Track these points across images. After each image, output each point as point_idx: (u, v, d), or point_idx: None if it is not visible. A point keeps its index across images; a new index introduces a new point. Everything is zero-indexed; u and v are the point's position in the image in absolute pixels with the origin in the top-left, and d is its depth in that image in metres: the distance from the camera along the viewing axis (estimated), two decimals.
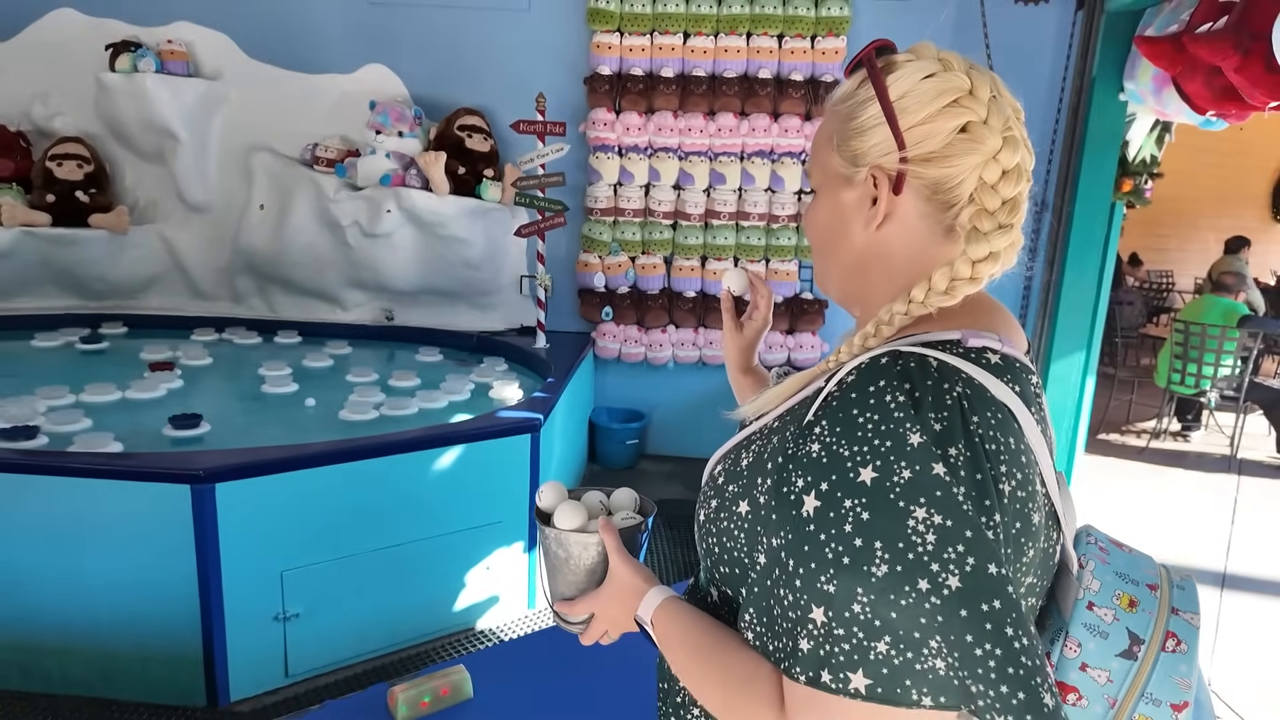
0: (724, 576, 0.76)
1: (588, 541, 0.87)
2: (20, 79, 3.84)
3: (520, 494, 2.61)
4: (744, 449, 0.77)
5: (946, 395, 0.63)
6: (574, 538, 0.87)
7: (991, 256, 0.69)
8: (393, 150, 3.72)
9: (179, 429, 2.49)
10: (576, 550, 0.87)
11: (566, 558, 0.88)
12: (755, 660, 0.68)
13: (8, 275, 3.68)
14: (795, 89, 3.77)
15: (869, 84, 0.71)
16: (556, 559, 0.89)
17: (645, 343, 4.11)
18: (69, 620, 2.09)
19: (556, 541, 0.88)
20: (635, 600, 0.81)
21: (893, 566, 0.59)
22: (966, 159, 0.69)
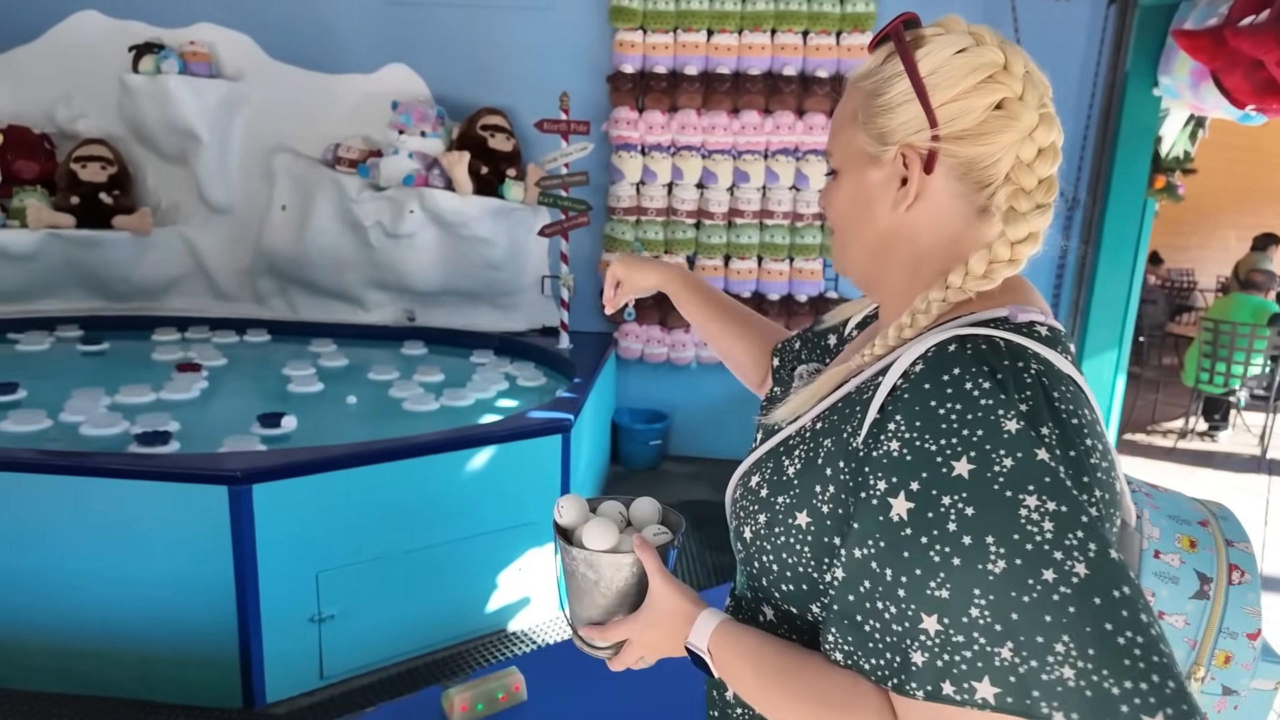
0: (785, 594, 0.72)
1: (621, 563, 0.79)
2: (44, 81, 3.84)
3: (551, 495, 2.59)
4: (783, 456, 0.73)
5: (1025, 374, 0.60)
6: (607, 559, 0.79)
7: (1031, 238, 0.67)
8: (415, 150, 3.71)
9: (266, 427, 2.50)
10: (609, 573, 0.80)
11: (597, 580, 0.81)
12: (850, 680, 0.63)
13: (33, 277, 3.68)
14: (820, 86, 3.74)
15: (896, 59, 0.68)
16: (584, 581, 0.81)
17: (668, 343, 4.08)
18: (107, 622, 2.07)
19: (586, 563, 0.80)
20: (684, 626, 0.75)
21: (1011, 560, 0.55)
22: (1002, 136, 0.66)
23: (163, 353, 3.41)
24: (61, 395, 2.66)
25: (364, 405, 2.93)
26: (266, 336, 3.85)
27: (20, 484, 2.02)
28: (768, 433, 0.79)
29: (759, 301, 4.01)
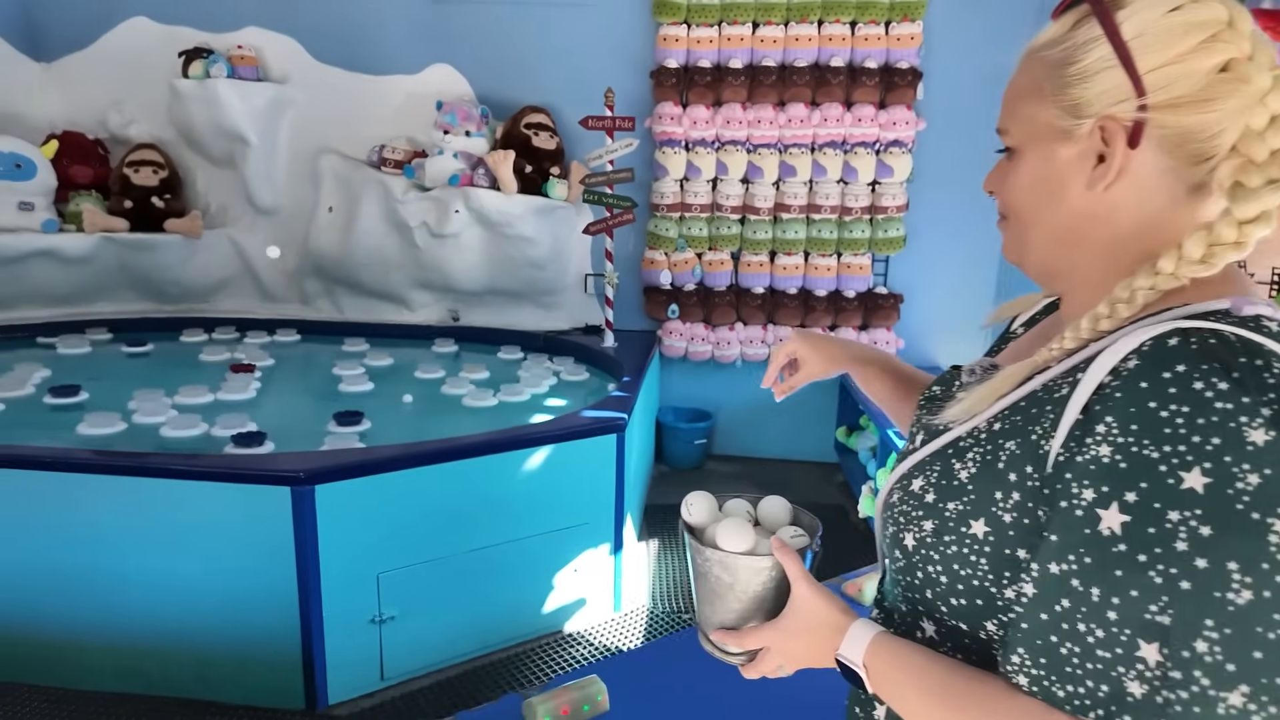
0: (954, 609, 0.66)
1: (759, 566, 0.76)
2: (97, 87, 3.91)
3: (606, 495, 2.55)
4: (953, 459, 0.67)
5: (1265, 374, 0.53)
6: (744, 562, 0.76)
7: (1262, 217, 0.59)
8: (460, 150, 3.70)
9: (342, 425, 2.54)
10: (746, 576, 0.76)
11: (732, 583, 0.77)
12: (1041, 709, 0.57)
13: (89, 280, 3.75)
14: (869, 77, 3.65)
15: (1091, 23, 0.62)
16: (718, 584, 0.78)
17: (712, 340, 4.03)
18: (168, 622, 2.08)
19: (721, 565, 0.77)
20: (834, 636, 0.70)
21: (1259, 592, 0.49)
22: (1229, 103, 0.59)
23: (210, 354, 3.45)
24: (123, 397, 2.69)
25: (420, 403, 2.94)
26: (296, 336, 3.89)
27: (85, 485, 2.04)
28: (930, 433, 0.73)
29: (805, 298, 3.94)
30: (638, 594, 2.75)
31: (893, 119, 3.67)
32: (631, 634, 2.52)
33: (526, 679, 2.28)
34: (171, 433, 2.45)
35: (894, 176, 3.75)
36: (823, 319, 3.93)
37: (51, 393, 2.75)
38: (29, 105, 3.84)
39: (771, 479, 3.95)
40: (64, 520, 2.07)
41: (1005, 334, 0.86)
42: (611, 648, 2.44)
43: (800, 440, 4.20)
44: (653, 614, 2.64)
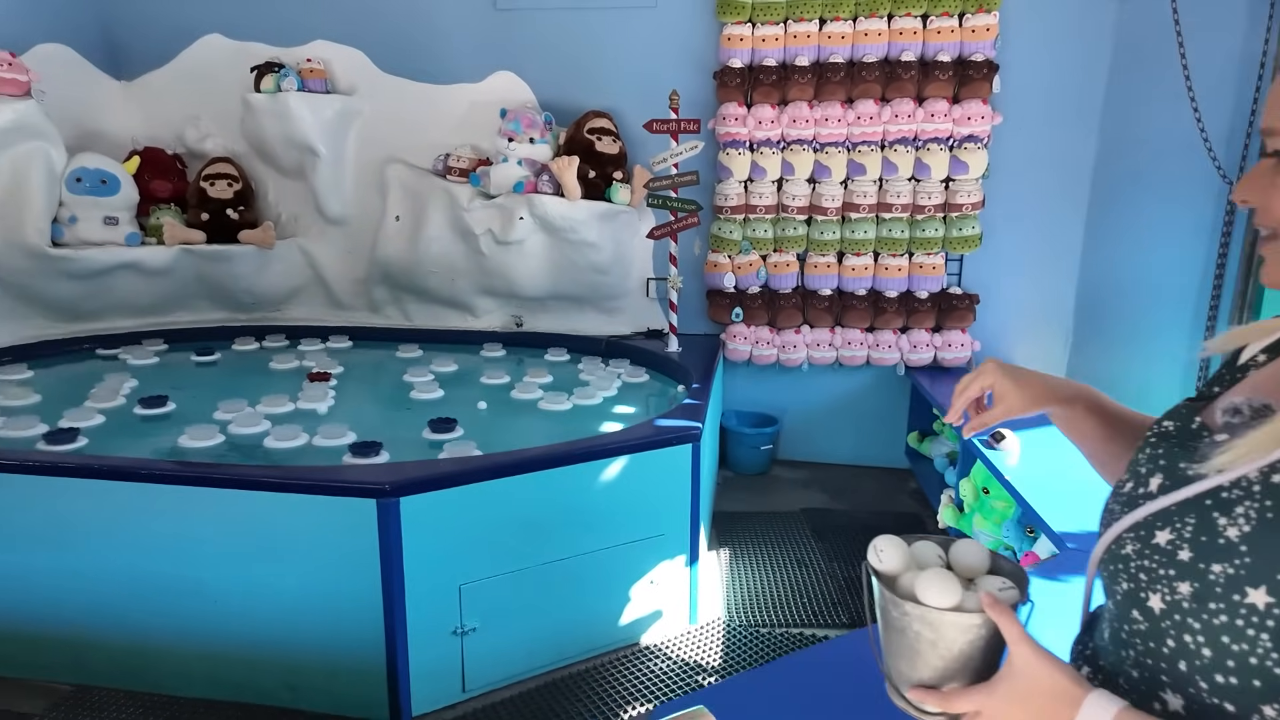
0: (1216, 686, 0.59)
1: (969, 624, 0.69)
2: (174, 104, 4.02)
3: (681, 506, 2.51)
4: (1214, 512, 0.59)
5: None
6: (951, 619, 0.70)
7: None
8: (524, 157, 3.70)
9: (436, 433, 2.60)
10: (952, 634, 0.70)
11: (935, 641, 0.71)
12: None
13: (168, 291, 3.86)
14: (942, 70, 3.53)
15: None
16: (918, 640, 0.72)
17: (778, 344, 3.95)
18: (259, 631, 2.12)
19: (923, 621, 0.71)
20: (1065, 709, 0.63)
21: None
22: None
23: (280, 362, 3.52)
24: (207, 407, 2.76)
25: (495, 409, 2.96)
26: (349, 343, 3.96)
27: (180, 496, 2.08)
28: (1174, 478, 0.65)
29: (875, 299, 3.83)
30: (713, 605, 2.70)
31: (967, 113, 3.54)
32: (710, 648, 2.47)
33: (606, 692, 2.25)
34: (276, 444, 2.49)
35: (969, 172, 3.62)
36: (893, 321, 3.82)
37: (141, 404, 2.83)
38: (112, 122, 3.97)
39: (840, 486, 3.85)
40: (160, 530, 2.12)
41: (1235, 363, 0.77)
42: (690, 661, 2.40)
43: (870, 446, 4.09)
44: (729, 627, 2.59)
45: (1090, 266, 3.72)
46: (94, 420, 2.67)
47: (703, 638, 2.53)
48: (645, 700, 2.22)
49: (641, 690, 2.26)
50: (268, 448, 2.48)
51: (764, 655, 2.44)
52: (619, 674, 2.34)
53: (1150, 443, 0.73)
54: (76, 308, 3.68)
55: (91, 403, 2.83)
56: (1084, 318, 3.77)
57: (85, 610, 2.18)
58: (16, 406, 2.79)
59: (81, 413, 2.70)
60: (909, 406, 4.03)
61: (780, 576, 2.93)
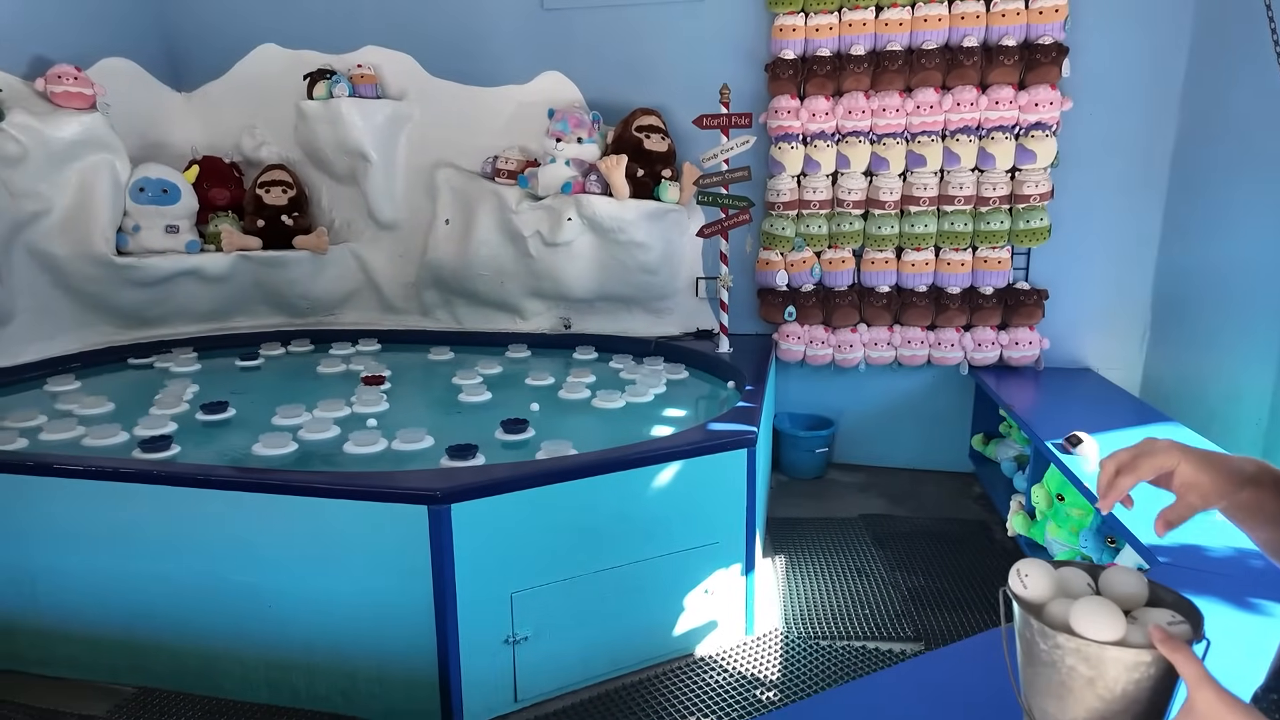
0: None
1: (1137, 662, 0.62)
2: (232, 113, 4.11)
3: (736, 513, 2.43)
4: None
5: None
6: (1115, 655, 0.62)
7: None
8: (572, 157, 3.67)
9: (509, 433, 2.61)
10: (1115, 671, 0.62)
11: (1093, 678, 0.63)
12: None
13: (227, 297, 3.94)
14: (1007, 55, 3.36)
15: None
16: (1071, 676, 0.64)
17: (833, 344, 3.83)
18: (316, 637, 2.11)
19: (1080, 656, 0.63)
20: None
21: None
22: None
23: (327, 366, 3.56)
24: (265, 412, 2.78)
25: (547, 409, 2.94)
26: (377, 345, 3.97)
27: (235, 502, 2.09)
28: None
29: (936, 296, 3.68)
30: (769, 615, 2.61)
31: (1034, 99, 3.37)
32: (768, 660, 2.39)
33: (661, 704, 2.18)
34: (356, 449, 2.49)
35: (1036, 162, 3.44)
36: (956, 318, 3.66)
37: (203, 409, 2.87)
38: (173, 133, 4.08)
39: (901, 490, 3.71)
40: (219, 536, 2.14)
41: None
42: (747, 674, 2.32)
43: (931, 449, 3.93)
44: (788, 639, 2.49)
45: (1170, 258, 3.50)
46: (167, 428, 2.70)
47: (760, 649, 2.44)
48: (702, 714, 2.15)
49: (698, 703, 2.19)
50: (348, 454, 2.48)
51: (824, 669, 2.34)
52: (674, 686, 2.27)
53: None
54: (141, 314, 3.78)
55: (158, 409, 2.88)
56: (1163, 313, 3.55)
57: (148, 614, 2.21)
58: (93, 415, 2.85)
59: (154, 420, 2.74)
60: (973, 408, 3.86)
61: (840, 586, 2.82)
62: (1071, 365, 3.73)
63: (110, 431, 2.59)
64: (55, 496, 2.21)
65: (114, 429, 2.62)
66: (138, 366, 3.64)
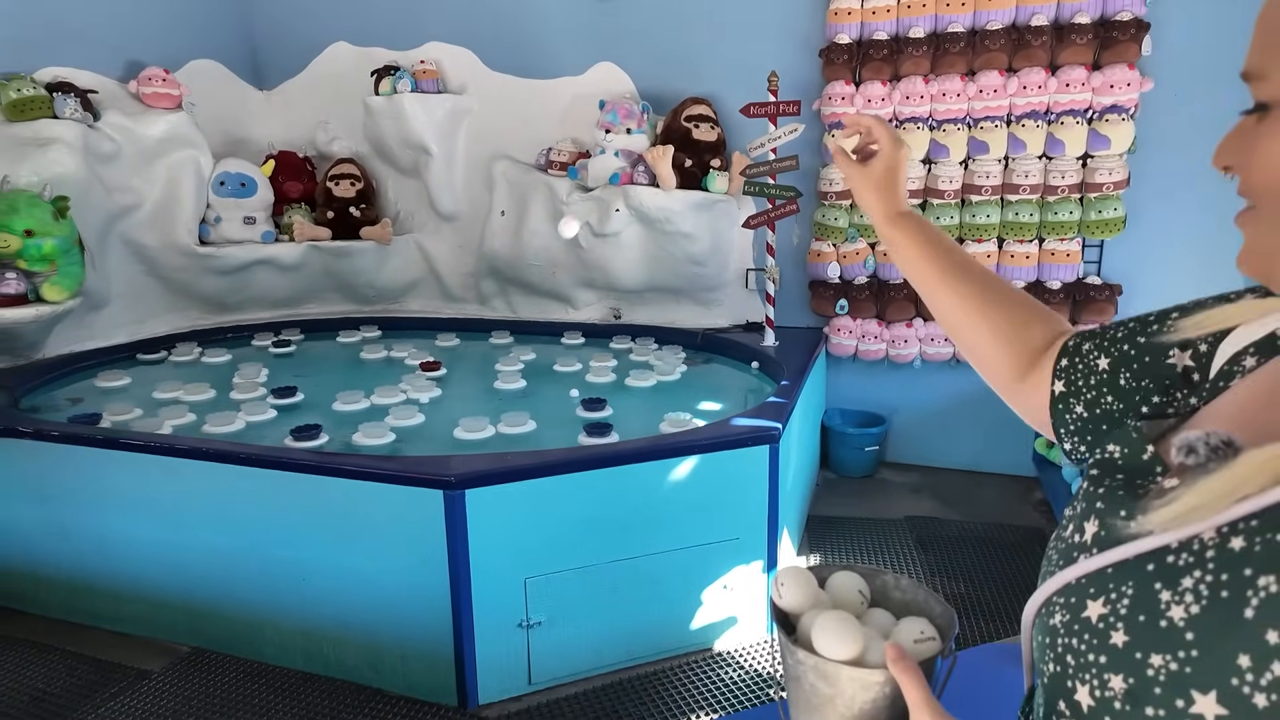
0: None
1: (869, 681, 0.60)
2: (306, 109, 4.33)
3: (758, 510, 2.40)
4: (1157, 582, 0.45)
5: None
6: (848, 674, 0.60)
7: None
8: (621, 148, 3.68)
9: (589, 410, 2.78)
10: (850, 690, 0.60)
11: (832, 696, 0.61)
12: None
13: (298, 284, 4.18)
14: (1080, 34, 3.14)
15: None
16: (814, 693, 0.62)
17: (887, 338, 3.70)
18: (346, 612, 2.24)
19: (818, 673, 0.61)
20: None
21: None
22: None
23: (369, 352, 3.70)
24: (326, 397, 2.92)
25: (586, 394, 3.00)
26: (378, 332, 4.08)
27: (276, 481, 2.23)
28: (1113, 531, 0.51)
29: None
30: None
31: (1110, 81, 3.14)
32: None
33: (674, 696, 2.20)
34: (465, 435, 2.55)
35: (1111, 148, 3.21)
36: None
37: (274, 394, 3.00)
38: (253, 129, 4.34)
39: (954, 493, 3.57)
40: (262, 511, 2.29)
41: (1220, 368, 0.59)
42: (764, 672, 2.30)
43: (990, 450, 3.75)
44: None
45: None
46: (265, 414, 2.81)
47: None
48: (715, 709, 2.15)
49: (712, 698, 2.19)
50: (457, 439, 2.53)
51: None
52: (688, 679, 2.28)
53: (1091, 476, 0.57)
54: (223, 300, 4.06)
55: (238, 394, 3.02)
56: None
57: (203, 580, 2.40)
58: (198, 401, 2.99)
59: (256, 405, 2.85)
60: None
61: None
62: None
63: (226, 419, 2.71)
64: (124, 470, 2.41)
65: (230, 415, 2.73)
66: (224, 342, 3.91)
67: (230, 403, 2.96)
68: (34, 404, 3.01)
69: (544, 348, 3.68)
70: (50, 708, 2.18)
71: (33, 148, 3.20)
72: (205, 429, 2.64)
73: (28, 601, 2.65)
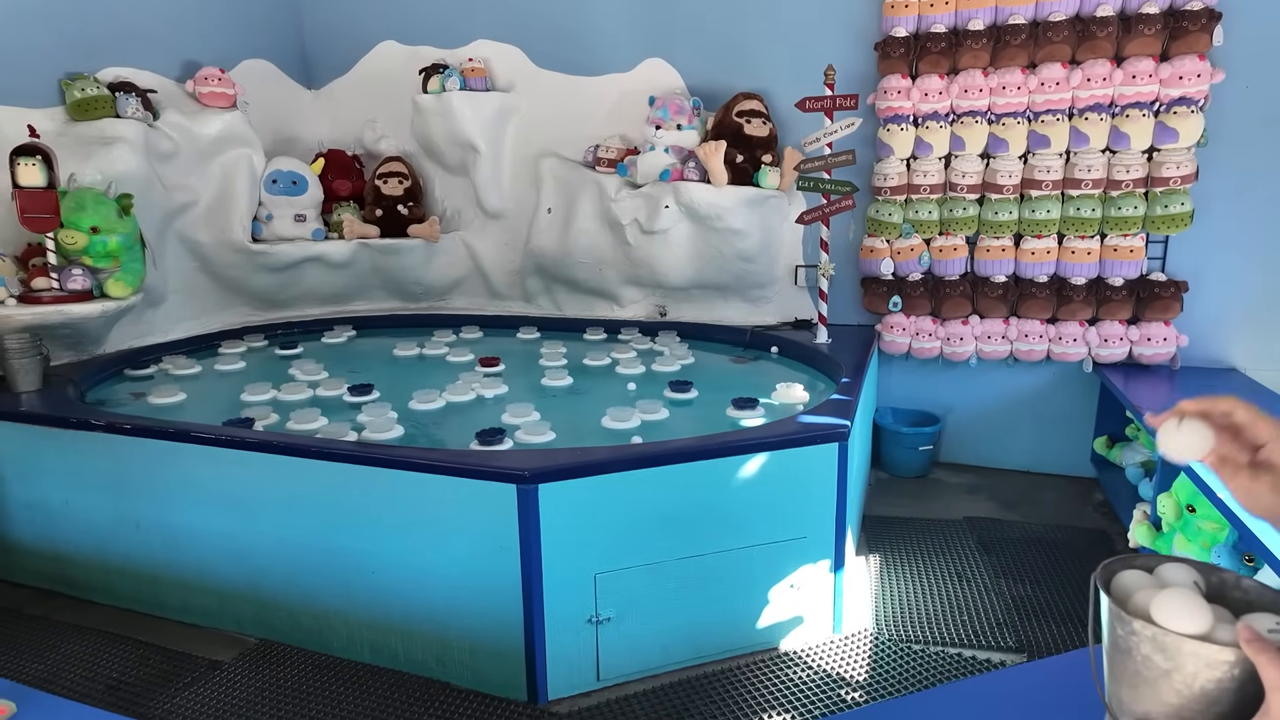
0: None
1: (1217, 659, 0.59)
2: (355, 108, 4.37)
3: (826, 508, 2.37)
4: None
5: None
6: (1193, 648, 0.59)
7: None
8: (671, 145, 3.67)
9: (675, 391, 2.91)
10: (1192, 666, 0.60)
11: (1169, 670, 0.61)
12: None
13: (347, 281, 4.21)
14: (1148, 24, 3.07)
15: None
16: (1147, 666, 0.62)
17: (941, 336, 3.64)
18: (411, 605, 2.24)
19: (1155, 645, 0.61)
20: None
21: None
22: None
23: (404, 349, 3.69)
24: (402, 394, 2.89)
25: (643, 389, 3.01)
26: (479, 333, 4.09)
27: (347, 474, 2.23)
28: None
29: (1059, 286, 3.42)
30: (860, 614, 2.54)
31: (1179, 72, 3.06)
32: (855, 659, 2.32)
33: (742, 695, 2.17)
34: (612, 424, 2.59)
35: (1179, 141, 3.13)
36: (1080, 311, 3.40)
37: (350, 391, 2.99)
38: (303, 128, 4.38)
39: (1013, 494, 3.50)
40: (332, 505, 2.29)
41: None
42: (832, 673, 2.26)
43: (1049, 450, 3.68)
44: (877, 640, 2.41)
45: None
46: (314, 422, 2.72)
47: (847, 649, 2.38)
48: (783, 709, 2.12)
49: (779, 698, 2.16)
50: (606, 427, 2.56)
51: (914, 674, 2.25)
52: (756, 678, 2.25)
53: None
54: (274, 297, 4.10)
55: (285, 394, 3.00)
56: None
57: (270, 572, 2.41)
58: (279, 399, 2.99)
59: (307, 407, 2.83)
60: (1096, 408, 3.58)
61: (938, 590, 2.70)
62: (1214, 365, 3.39)
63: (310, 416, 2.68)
64: (193, 462, 2.44)
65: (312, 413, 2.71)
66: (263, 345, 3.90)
67: (312, 400, 2.96)
68: (99, 398, 3.05)
69: (579, 345, 3.67)
70: (126, 696, 2.20)
71: (97, 146, 3.26)
72: (290, 426, 2.63)
73: (100, 591, 2.69)
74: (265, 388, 3.03)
